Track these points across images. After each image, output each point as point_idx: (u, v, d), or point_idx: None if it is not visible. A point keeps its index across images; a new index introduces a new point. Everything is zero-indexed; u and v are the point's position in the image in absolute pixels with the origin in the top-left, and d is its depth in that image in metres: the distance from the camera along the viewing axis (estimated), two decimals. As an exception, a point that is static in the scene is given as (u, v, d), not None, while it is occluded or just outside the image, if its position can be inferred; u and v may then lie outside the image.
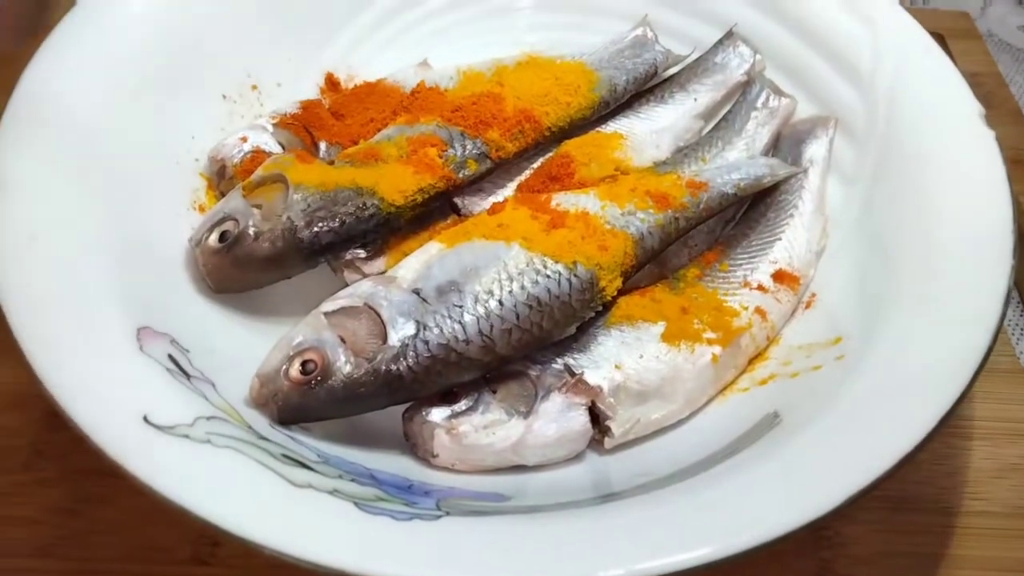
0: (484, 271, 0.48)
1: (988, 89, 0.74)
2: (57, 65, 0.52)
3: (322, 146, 0.58)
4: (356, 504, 0.37)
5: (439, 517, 0.38)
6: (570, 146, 0.58)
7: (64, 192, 0.47)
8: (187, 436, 0.38)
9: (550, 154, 0.59)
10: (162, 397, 0.40)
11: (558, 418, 0.46)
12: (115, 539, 0.48)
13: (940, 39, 0.76)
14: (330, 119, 0.59)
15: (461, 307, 0.46)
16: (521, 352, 0.47)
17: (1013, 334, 0.62)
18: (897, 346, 0.44)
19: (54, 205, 0.46)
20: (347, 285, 0.50)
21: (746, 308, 0.51)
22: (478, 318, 0.46)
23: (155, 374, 0.41)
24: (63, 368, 0.39)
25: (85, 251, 0.45)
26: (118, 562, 0.47)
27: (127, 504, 0.48)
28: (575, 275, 0.48)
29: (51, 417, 0.52)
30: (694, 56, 0.66)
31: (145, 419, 0.38)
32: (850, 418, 0.42)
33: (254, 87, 0.62)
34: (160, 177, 0.53)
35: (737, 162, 0.59)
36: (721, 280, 0.53)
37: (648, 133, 0.61)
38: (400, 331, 0.45)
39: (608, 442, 0.47)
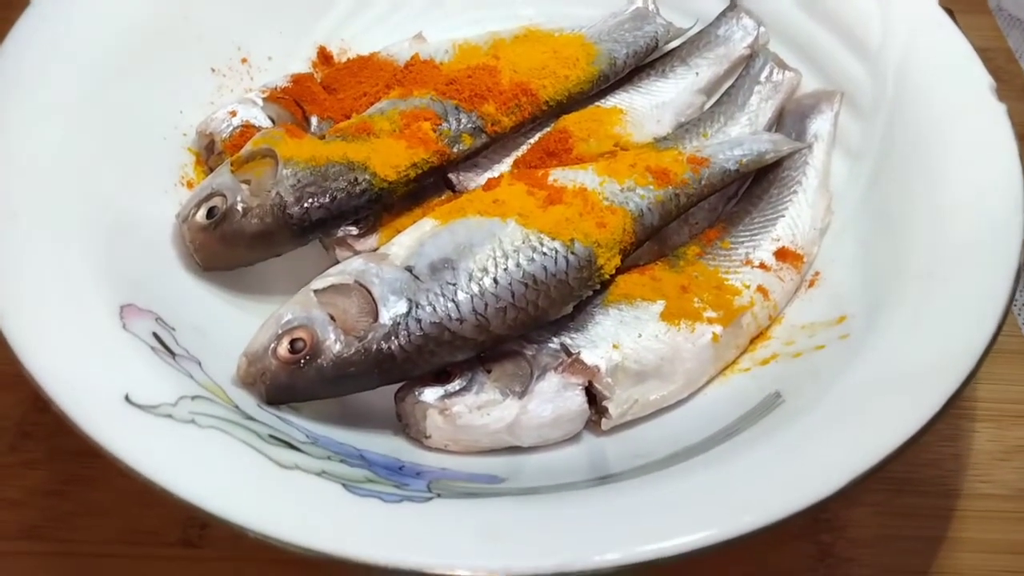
0: (479, 248, 0.46)
1: (997, 64, 0.73)
2: (39, 37, 0.50)
3: (313, 121, 0.56)
4: (344, 486, 0.36)
5: (429, 499, 0.37)
6: (568, 121, 0.57)
7: (47, 168, 0.46)
8: (170, 416, 0.37)
9: (548, 129, 0.57)
10: (145, 376, 0.39)
11: (554, 398, 0.45)
12: (102, 521, 0.47)
13: (949, 13, 0.75)
14: (322, 93, 0.58)
15: (455, 285, 0.45)
16: (517, 331, 0.46)
17: (1020, 315, 0.61)
18: (903, 326, 0.43)
19: (36, 181, 0.45)
20: (339, 262, 0.49)
21: (748, 287, 0.50)
22: (472, 296, 0.45)
23: (138, 352, 0.40)
24: (43, 347, 0.38)
25: (68, 228, 0.44)
26: (105, 544, 0.46)
27: (114, 486, 0.48)
28: (572, 252, 0.47)
29: (38, 398, 0.51)
30: (696, 29, 0.64)
31: (127, 398, 0.37)
32: (854, 399, 0.41)
33: (244, 60, 0.60)
34: (147, 152, 0.52)
35: (740, 137, 0.57)
36: (722, 258, 0.51)
37: (649, 108, 0.60)
38: (392, 309, 0.44)
39: (605, 423, 0.46)
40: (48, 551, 0.46)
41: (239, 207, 0.48)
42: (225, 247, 0.49)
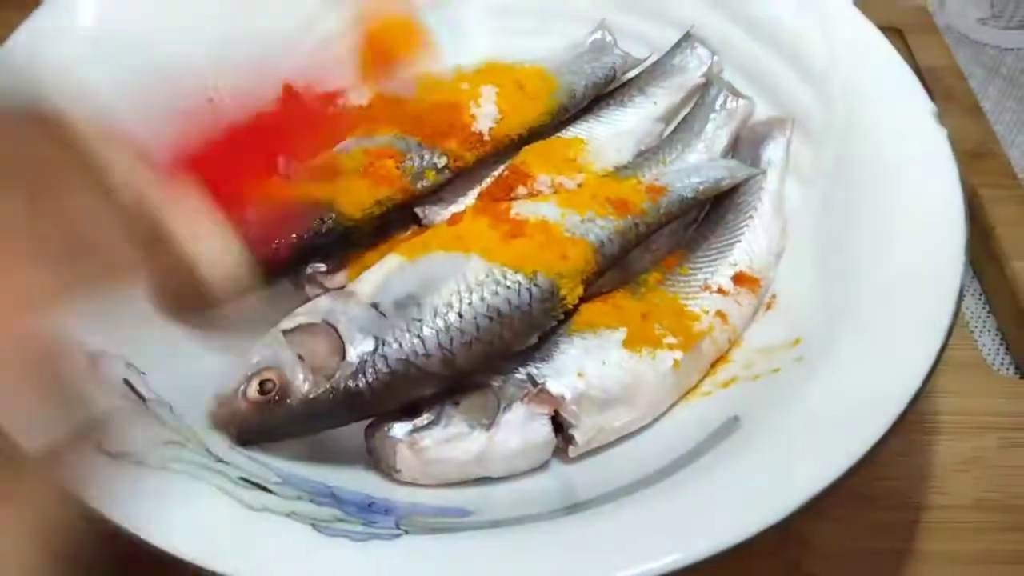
0: (443, 283, 0.47)
1: (947, 83, 0.75)
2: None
3: (280, 160, 0.57)
4: (313, 526, 0.36)
5: (398, 536, 0.37)
6: (530, 153, 0.58)
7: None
8: (141, 463, 0.37)
9: (510, 161, 0.58)
10: (116, 423, 0.39)
11: (521, 428, 0.45)
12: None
13: (898, 33, 0.77)
14: (287, 132, 0.59)
15: (420, 321, 0.46)
16: (483, 364, 0.47)
17: (975, 328, 0.62)
18: (853, 347, 0.45)
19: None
20: (309, 299, 0.50)
21: (707, 312, 0.51)
22: (437, 331, 0.46)
23: (108, 398, 0.40)
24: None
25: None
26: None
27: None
28: (535, 284, 0.48)
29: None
30: (652, 59, 0.66)
31: (99, 446, 0.38)
32: (810, 419, 0.42)
33: (210, 100, 0.61)
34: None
35: (696, 165, 0.59)
36: (682, 284, 0.53)
37: (609, 137, 0.61)
38: (359, 347, 0.45)
39: (572, 451, 0.47)
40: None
41: (207, 250, 0.49)
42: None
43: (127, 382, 0.42)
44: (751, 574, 0.48)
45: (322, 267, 0.52)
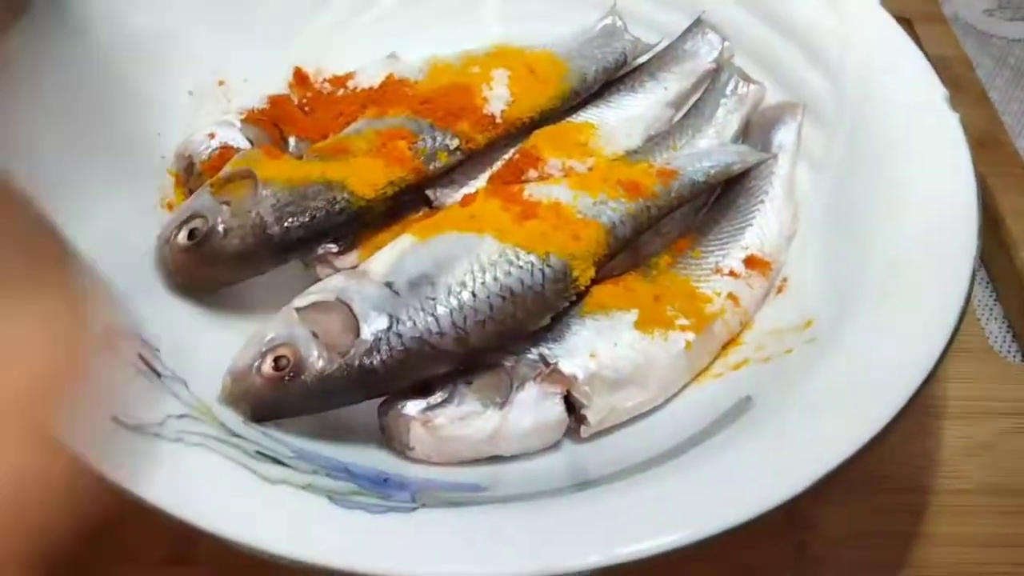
0: (456, 263, 0.47)
1: (956, 72, 0.75)
2: (15, 64, 0.51)
3: (291, 141, 0.57)
4: (330, 499, 0.37)
5: (414, 509, 0.37)
6: (541, 136, 0.58)
7: (28, 189, 0.46)
8: (158, 435, 0.38)
9: (521, 144, 0.58)
10: (131, 396, 0.39)
11: (534, 408, 0.46)
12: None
13: (907, 23, 0.77)
14: (299, 114, 0.59)
15: (434, 299, 0.46)
16: (495, 343, 0.47)
17: (982, 315, 0.63)
18: (866, 329, 0.45)
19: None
20: (319, 280, 0.50)
21: (718, 294, 0.51)
22: (451, 310, 0.46)
23: (123, 373, 0.40)
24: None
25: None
26: (93, 562, 0.47)
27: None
28: (548, 265, 0.48)
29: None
30: (663, 45, 0.66)
31: (115, 419, 0.38)
32: (821, 400, 0.43)
33: (220, 83, 0.61)
34: (126, 174, 0.53)
35: (707, 150, 0.59)
36: (693, 267, 0.53)
37: (619, 122, 0.61)
38: (373, 325, 0.45)
39: (584, 430, 0.47)
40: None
41: (220, 228, 0.49)
42: (206, 268, 0.50)
43: (142, 357, 0.42)
44: (758, 556, 0.48)
45: (333, 247, 0.52)
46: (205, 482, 0.36)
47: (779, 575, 0.48)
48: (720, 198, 0.58)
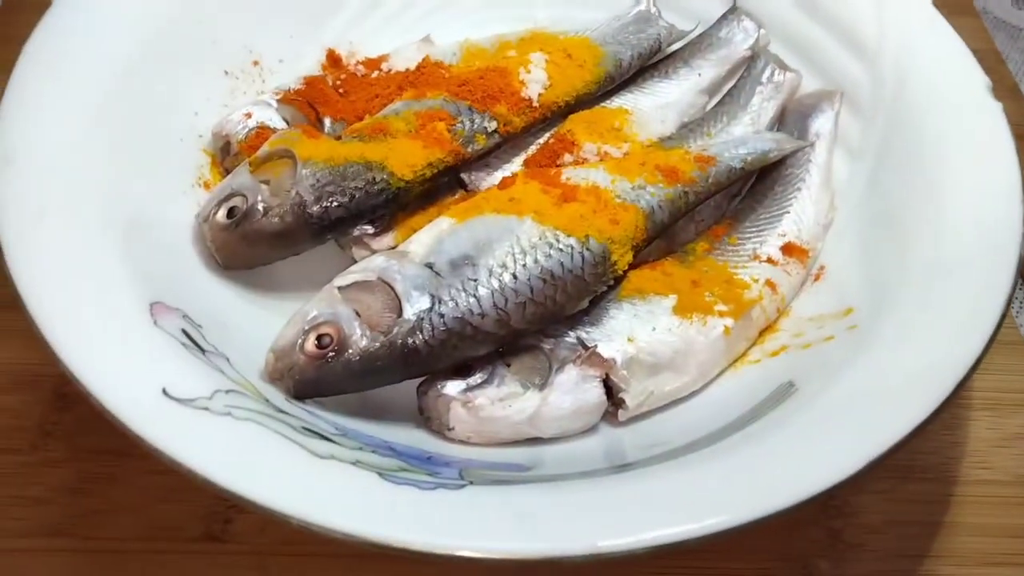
0: (497, 245, 0.47)
1: (986, 65, 0.72)
2: (56, 43, 0.51)
3: (327, 122, 0.57)
4: (380, 474, 0.37)
5: (463, 486, 0.38)
6: (575, 121, 0.58)
7: (70, 167, 0.46)
8: (207, 409, 0.38)
9: (556, 129, 0.58)
10: (180, 370, 0.39)
11: (573, 390, 0.46)
12: (125, 518, 0.47)
13: (937, 16, 0.77)
14: (334, 95, 0.59)
15: (475, 281, 0.46)
16: (535, 326, 0.47)
17: (1015, 308, 0.62)
18: (909, 318, 0.45)
19: (61, 180, 0.45)
20: (355, 262, 0.50)
21: (756, 280, 0.51)
22: (492, 292, 0.46)
23: (171, 348, 0.40)
24: (79, 344, 0.38)
25: (94, 227, 0.45)
26: (129, 541, 0.47)
27: (137, 483, 0.48)
28: (587, 249, 0.48)
29: (58, 397, 0.52)
30: (698, 31, 0.65)
31: (164, 392, 0.38)
32: (864, 389, 0.42)
33: (256, 63, 0.61)
34: (165, 154, 0.53)
35: (744, 137, 0.59)
36: (731, 253, 0.53)
37: (653, 108, 0.61)
38: (415, 305, 0.45)
39: (622, 414, 0.47)
40: (70, 548, 0.47)
41: (259, 207, 0.49)
42: (245, 246, 0.50)
43: (186, 332, 0.42)
44: (796, 541, 0.48)
45: (369, 229, 0.52)
46: (255, 455, 0.36)
47: (813, 562, 0.48)
48: (756, 185, 0.58)
